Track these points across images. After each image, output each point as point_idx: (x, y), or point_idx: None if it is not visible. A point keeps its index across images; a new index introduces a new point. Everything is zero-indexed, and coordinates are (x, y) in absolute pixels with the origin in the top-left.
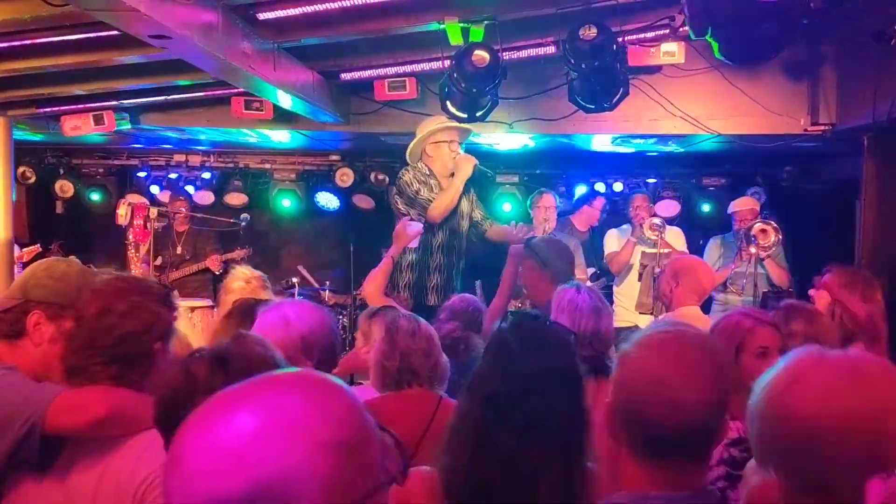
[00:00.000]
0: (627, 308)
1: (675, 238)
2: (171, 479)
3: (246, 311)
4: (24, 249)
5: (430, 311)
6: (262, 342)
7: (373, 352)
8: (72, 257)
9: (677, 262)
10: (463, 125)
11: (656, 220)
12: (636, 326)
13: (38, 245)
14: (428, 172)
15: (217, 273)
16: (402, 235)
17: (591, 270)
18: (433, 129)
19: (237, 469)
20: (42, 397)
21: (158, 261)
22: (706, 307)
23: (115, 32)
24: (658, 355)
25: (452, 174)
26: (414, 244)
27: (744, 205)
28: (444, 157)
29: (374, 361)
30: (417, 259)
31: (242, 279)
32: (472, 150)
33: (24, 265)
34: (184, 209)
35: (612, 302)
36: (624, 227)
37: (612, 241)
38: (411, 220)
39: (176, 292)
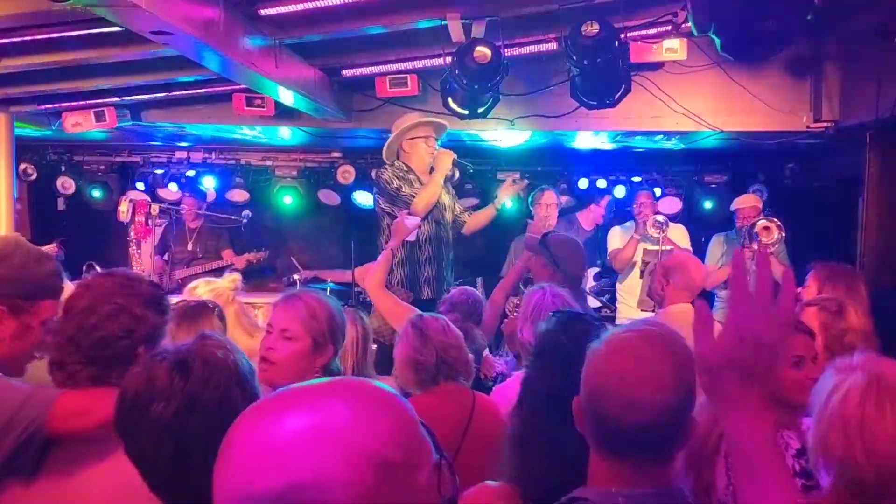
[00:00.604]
0: (630, 305)
1: (679, 235)
2: (219, 471)
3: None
4: (44, 248)
5: (427, 305)
6: (223, 345)
7: (400, 348)
8: (20, 237)
9: (668, 260)
10: (437, 120)
11: (659, 218)
12: None
13: (55, 244)
14: (406, 169)
15: (241, 269)
16: (400, 228)
17: (594, 269)
18: (408, 126)
19: (275, 467)
20: (40, 401)
21: (164, 257)
22: (709, 304)
23: (117, 29)
24: (620, 354)
25: (432, 169)
26: (412, 237)
27: (746, 202)
28: (422, 153)
29: (404, 358)
30: (406, 255)
31: (208, 286)
32: (473, 146)
33: None
34: (191, 207)
35: (615, 299)
36: (627, 224)
37: (616, 238)
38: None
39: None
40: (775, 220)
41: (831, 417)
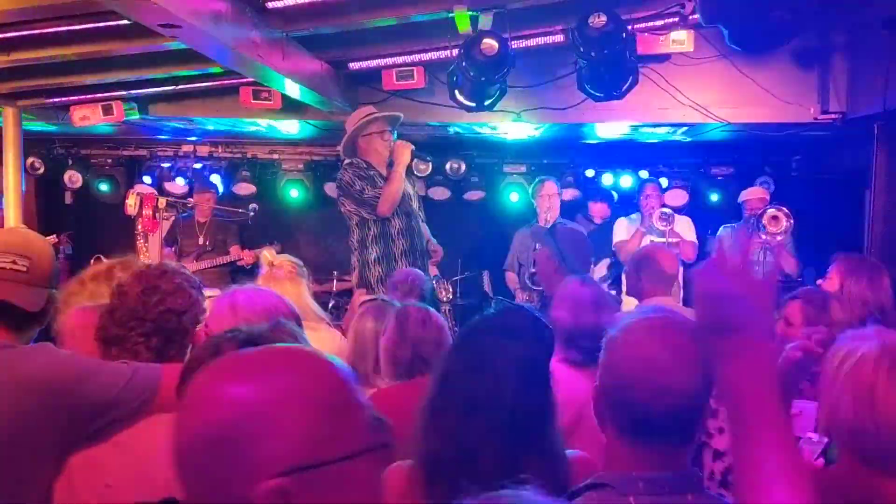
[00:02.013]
0: (629, 297)
1: (685, 228)
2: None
3: None
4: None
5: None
6: (295, 335)
7: (382, 341)
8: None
9: (636, 255)
10: (390, 113)
11: (666, 211)
12: None
13: (55, 236)
14: (366, 165)
15: (247, 267)
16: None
17: (606, 261)
18: (363, 122)
19: (216, 405)
20: (146, 377)
21: (172, 251)
22: None
23: (125, 22)
24: (645, 340)
25: (391, 163)
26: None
27: (754, 194)
28: (379, 147)
29: (384, 350)
30: (381, 251)
31: (268, 263)
32: (478, 139)
33: None
34: (209, 201)
35: (620, 291)
36: (633, 215)
37: (622, 229)
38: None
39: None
40: (783, 208)
41: (843, 384)
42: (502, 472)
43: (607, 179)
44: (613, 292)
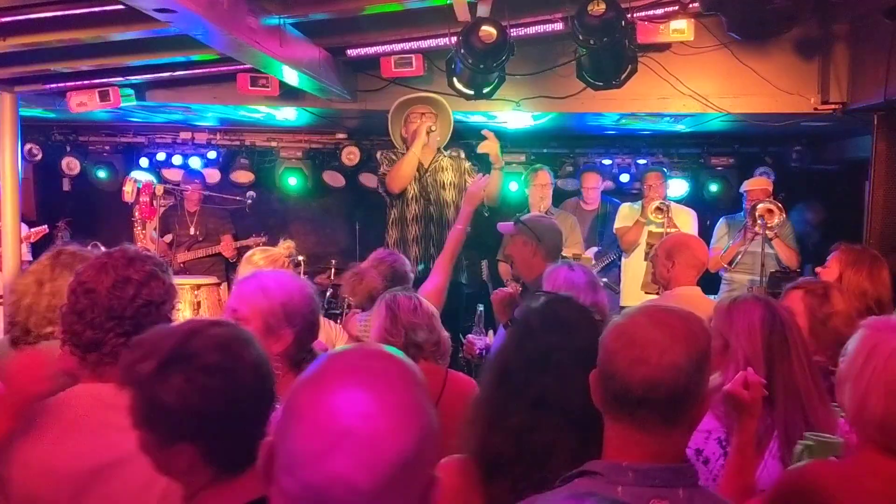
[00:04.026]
0: (634, 285)
1: (684, 220)
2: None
3: None
4: (32, 230)
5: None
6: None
7: (374, 331)
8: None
9: (668, 241)
10: (420, 94)
11: (661, 204)
12: None
13: (46, 227)
14: (402, 150)
15: (231, 260)
16: (473, 195)
17: (594, 249)
18: (395, 114)
19: (412, 431)
20: None
21: (168, 237)
22: (713, 287)
23: (121, 7)
24: (635, 318)
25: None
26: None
27: (757, 184)
28: (412, 130)
29: (375, 339)
30: (398, 235)
31: (264, 254)
32: (477, 127)
33: (32, 246)
34: (196, 190)
35: (619, 281)
36: (638, 203)
37: (624, 215)
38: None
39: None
40: (777, 202)
41: (871, 379)
42: (571, 471)
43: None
44: (605, 280)
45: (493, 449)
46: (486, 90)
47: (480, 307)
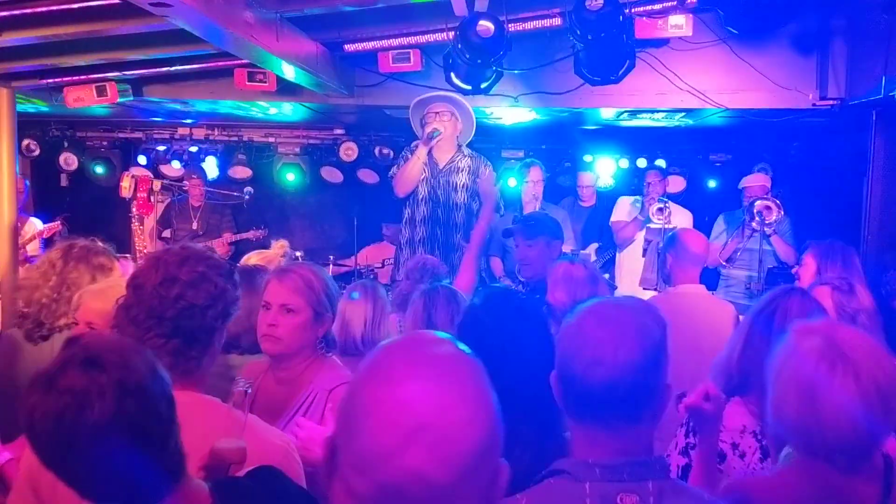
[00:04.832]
0: (631, 279)
1: (682, 221)
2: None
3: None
4: (46, 225)
5: None
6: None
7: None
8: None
9: (669, 235)
10: (431, 94)
11: (662, 205)
12: None
13: (59, 223)
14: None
15: (225, 257)
16: (488, 192)
17: (595, 245)
18: (414, 111)
19: (483, 421)
20: None
21: (167, 233)
22: (712, 283)
23: (117, 1)
24: (586, 318)
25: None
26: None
27: (755, 181)
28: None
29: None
30: (409, 235)
31: (259, 256)
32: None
33: (46, 241)
34: (198, 185)
35: (613, 275)
36: (637, 199)
37: (623, 209)
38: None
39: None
40: (775, 199)
41: (787, 382)
42: (531, 461)
43: (604, 164)
44: (607, 275)
45: None
46: (483, 85)
47: None
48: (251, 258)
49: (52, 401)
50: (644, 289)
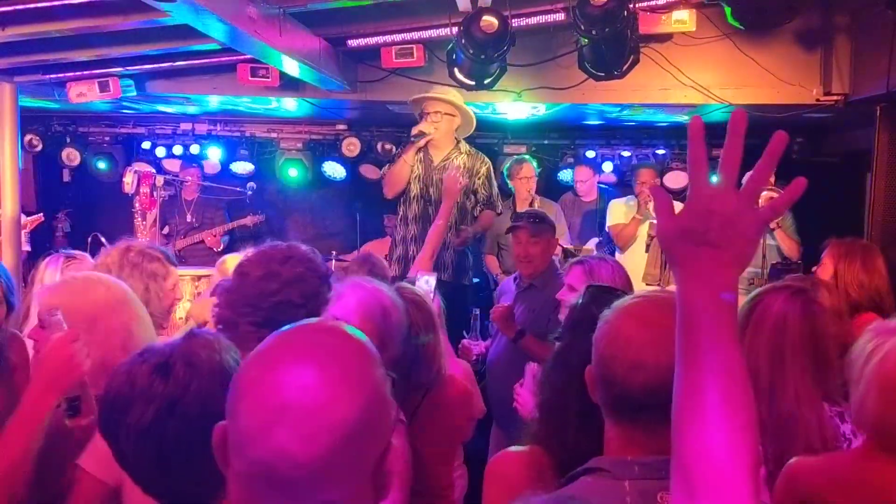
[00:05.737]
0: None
1: None
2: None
3: None
4: (28, 218)
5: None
6: (211, 344)
7: None
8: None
9: None
10: (420, 95)
11: None
12: None
13: (41, 215)
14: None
15: (217, 249)
16: (451, 189)
17: (595, 240)
18: (415, 106)
19: (354, 401)
20: None
21: (166, 230)
22: None
23: None
24: (626, 318)
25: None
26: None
27: None
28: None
29: None
30: (402, 234)
31: (235, 261)
32: (478, 118)
33: (30, 234)
34: (194, 178)
35: None
36: (630, 197)
37: (618, 212)
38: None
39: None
40: (780, 191)
41: (869, 380)
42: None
43: (605, 159)
44: None
45: (578, 444)
46: (486, 81)
47: (476, 310)
48: (226, 262)
49: (117, 381)
50: (647, 284)
